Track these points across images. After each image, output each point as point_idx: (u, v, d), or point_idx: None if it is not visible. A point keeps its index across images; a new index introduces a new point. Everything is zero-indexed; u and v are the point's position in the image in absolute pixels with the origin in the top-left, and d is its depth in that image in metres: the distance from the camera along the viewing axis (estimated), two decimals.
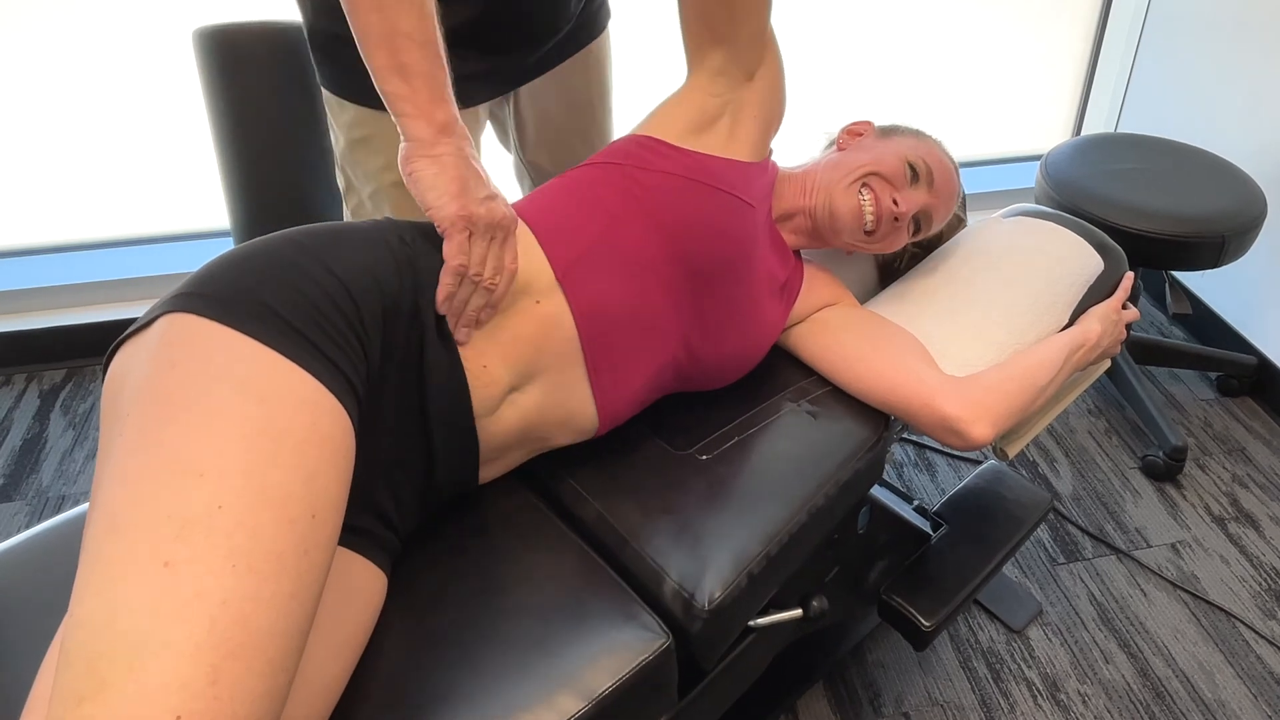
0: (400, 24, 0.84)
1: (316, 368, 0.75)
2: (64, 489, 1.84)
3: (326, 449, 0.73)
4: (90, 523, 0.68)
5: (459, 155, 0.89)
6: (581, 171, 1.08)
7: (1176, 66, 2.33)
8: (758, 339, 1.15)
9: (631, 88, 1.59)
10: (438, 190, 0.88)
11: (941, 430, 1.10)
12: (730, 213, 1.06)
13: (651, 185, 1.04)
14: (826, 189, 1.17)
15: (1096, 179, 1.91)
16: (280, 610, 0.66)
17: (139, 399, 0.71)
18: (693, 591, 0.96)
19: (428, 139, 0.88)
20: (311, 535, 0.70)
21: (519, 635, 0.89)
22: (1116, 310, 1.29)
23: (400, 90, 0.87)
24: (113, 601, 0.63)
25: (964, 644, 1.58)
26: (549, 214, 1.02)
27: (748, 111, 1.15)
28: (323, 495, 0.72)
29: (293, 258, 0.82)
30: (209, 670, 0.62)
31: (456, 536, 1.00)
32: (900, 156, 1.17)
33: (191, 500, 0.66)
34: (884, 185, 1.16)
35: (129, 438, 0.69)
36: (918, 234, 1.23)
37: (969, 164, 2.70)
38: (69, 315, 2.16)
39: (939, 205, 1.20)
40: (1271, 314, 2.11)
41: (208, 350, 0.73)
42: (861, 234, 1.17)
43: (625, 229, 1.02)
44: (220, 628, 0.63)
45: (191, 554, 0.64)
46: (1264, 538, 1.79)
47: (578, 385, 1.01)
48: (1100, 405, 2.11)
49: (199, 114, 2.01)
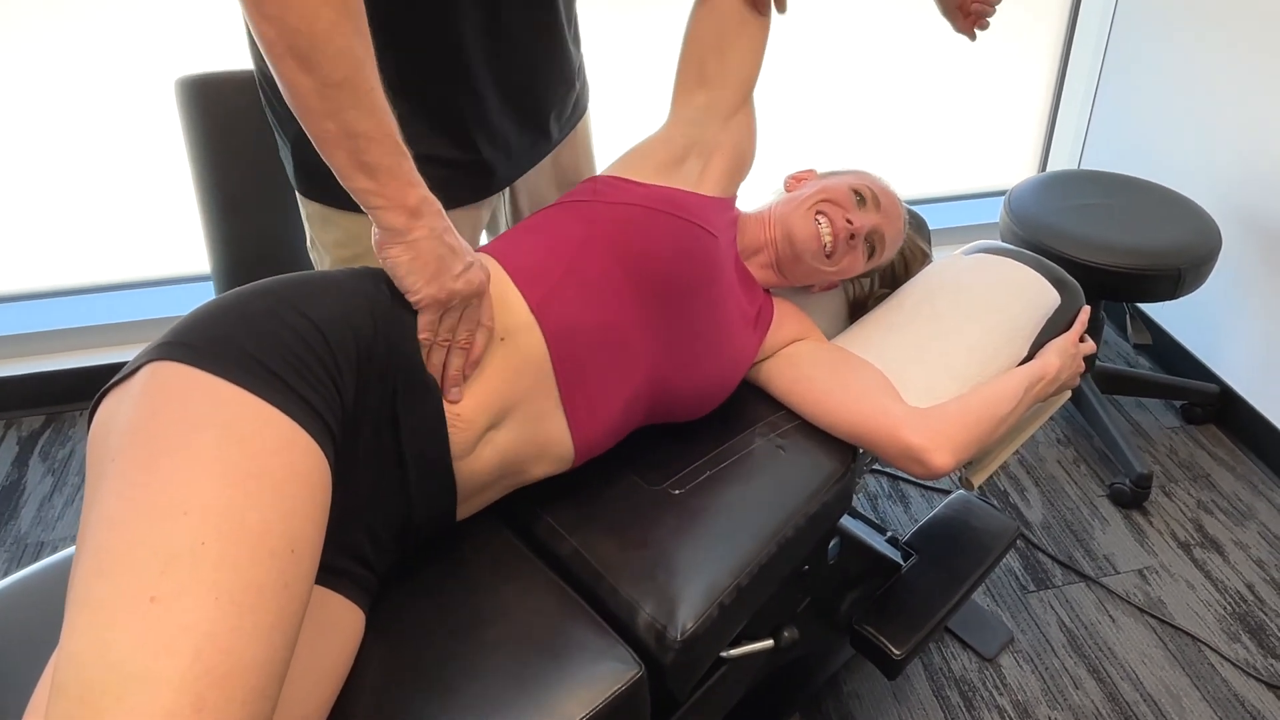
0: (356, 127, 0.84)
1: (293, 410, 0.79)
2: (43, 535, 1.84)
3: (304, 487, 0.76)
4: (78, 563, 0.70)
5: (433, 237, 0.91)
6: (549, 211, 1.13)
7: (1135, 106, 2.41)
8: (730, 366, 1.18)
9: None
10: (414, 276, 0.91)
11: (905, 459, 1.14)
12: (689, 238, 1.11)
13: (613, 216, 1.10)
14: (783, 220, 1.25)
15: (1058, 214, 1.97)
16: (262, 641, 0.69)
17: (124, 444, 0.74)
18: (666, 623, 0.98)
19: (401, 227, 0.90)
20: (291, 569, 0.73)
21: (495, 668, 0.91)
22: (1074, 343, 1.33)
23: (368, 186, 0.88)
24: (102, 635, 0.65)
25: (937, 673, 1.61)
26: (519, 254, 1.06)
27: (719, 154, 1.24)
28: (301, 531, 0.75)
29: (270, 306, 0.86)
30: (194, 699, 0.64)
31: (434, 574, 1.02)
32: (846, 184, 1.27)
33: (175, 538, 0.68)
34: (836, 209, 1.24)
35: (115, 481, 0.72)
36: (873, 257, 1.29)
37: (939, 200, 2.76)
38: (48, 361, 2.18)
39: (888, 225, 1.28)
40: (1232, 343, 2.17)
41: (189, 396, 0.76)
42: (822, 256, 1.23)
43: (589, 257, 1.06)
44: (205, 658, 0.66)
45: (177, 588, 0.67)
46: (1228, 562, 1.83)
47: (552, 413, 1.03)
48: (1069, 434, 2.16)
49: (179, 160, 2.04)
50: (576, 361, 1.03)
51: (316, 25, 0.79)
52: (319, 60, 0.80)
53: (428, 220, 0.90)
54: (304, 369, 0.82)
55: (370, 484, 0.91)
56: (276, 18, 0.78)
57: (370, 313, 0.91)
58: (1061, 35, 2.57)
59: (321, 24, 0.79)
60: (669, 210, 1.11)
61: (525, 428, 1.01)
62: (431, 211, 0.91)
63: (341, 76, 0.82)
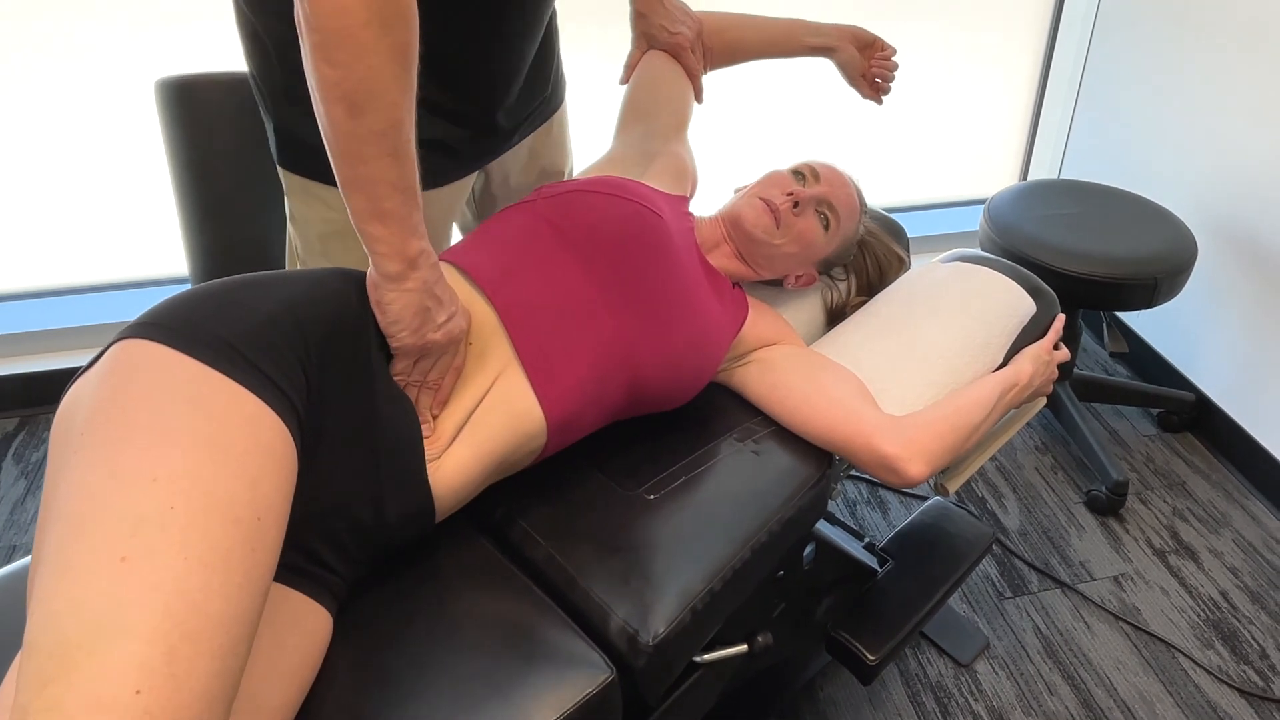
0: (383, 174, 0.87)
1: (259, 388, 0.81)
2: (15, 538, 1.83)
3: (269, 458, 0.79)
4: (46, 530, 0.72)
5: (423, 289, 0.94)
6: (499, 214, 1.19)
7: (1114, 117, 2.43)
8: (701, 337, 1.17)
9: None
10: (400, 324, 0.94)
11: (879, 468, 1.14)
12: (631, 210, 1.15)
13: (556, 202, 1.15)
14: (731, 211, 1.30)
15: (1036, 223, 1.98)
16: (230, 599, 0.71)
17: (92, 417, 0.76)
18: (638, 628, 0.98)
19: (397, 274, 0.92)
20: (257, 535, 0.75)
21: (467, 672, 0.91)
22: (1048, 351, 1.34)
23: (378, 232, 0.90)
24: (74, 594, 0.68)
25: (913, 679, 1.61)
26: (469, 252, 1.11)
27: (661, 158, 1.35)
28: (265, 499, 0.77)
29: (240, 293, 0.89)
30: (166, 651, 0.66)
31: (406, 577, 1.02)
32: (786, 169, 1.32)
33: (145, 503, 0.71)
34: (775, 188, 1.28)
35: (84, 453, 0.74)
36: (830, 228, 1.30)
37: (919, 208, 2.78)
38: (22, 363, 2.16)
39: (833, 191, 1.30)
40: (1208, 352, 2.19)
41: (157, 371, 0.79)
42: (773, 229, 1.25)
43: (536, 243, 1.11)
44: (175, 613, 0.68)
45: (147, 549, 0.69)
46: (1202, 569, 1.85)
47: (516, 382, 1.04)
48: (1046, 442, 2.17)
49: (156, 161, 2.03)
50: (534, 330, 1.05)
51: (379, 80, 0.82)
52: (370, 109, 0.83)
53: (423, 272, 0.94)
54: (272, 351, 0.84)
55: (341, 482, 0.92)
56: (344, 64, 0.81)
57: (345, 307, 0.94)
58: (1042, 46, 2.59)
59: (384, 79, 0.82)
60: (608, 190, 1.16)
61: (493, 410, 1.02)
62: (427, 264, 0.94)
63: (384, 126, 0.85)
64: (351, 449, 0.92)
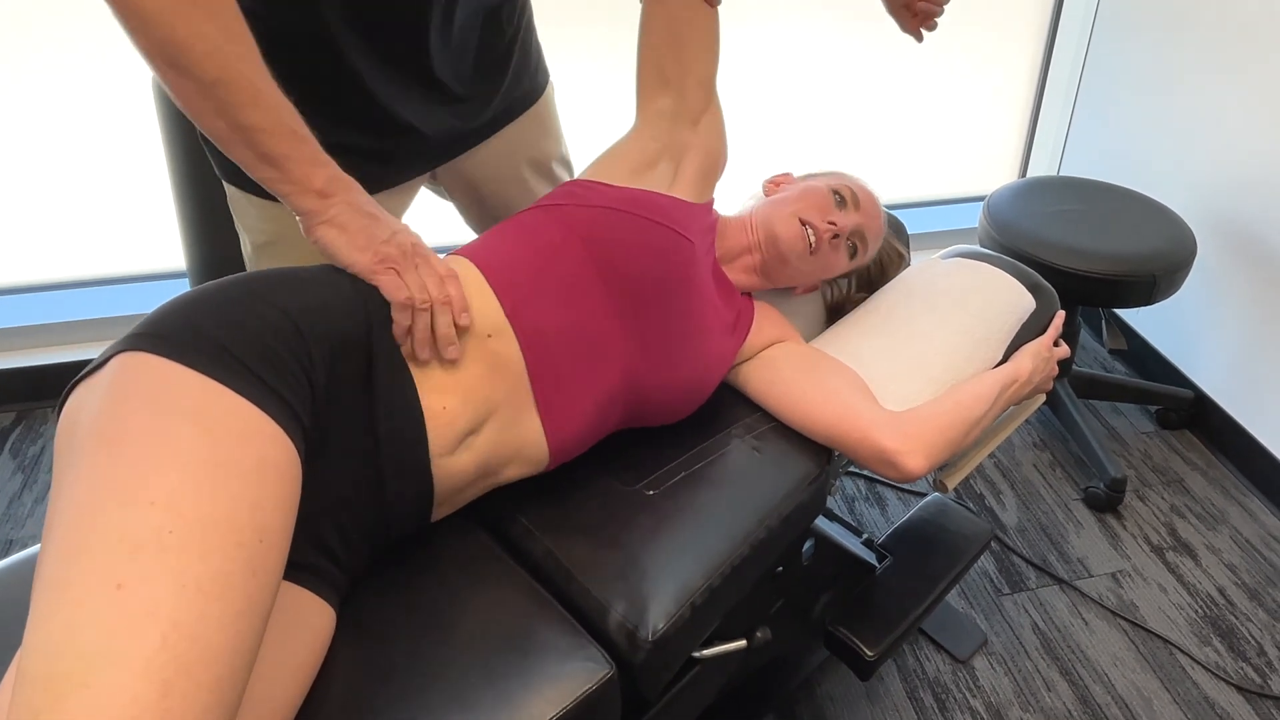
0: (245, 121, 0.86)
1: (261, 400, 0.79)
2: (12, 533, 1.83)
3: (272, 476, 0.77)
4: (45, 551, 0.70)
5: (351, 209, 0.93)
6: (524, 214, 1.14)
7: (1114, 114, 2.43)
8: (705, 371, 1.18)
9: (586, 140, 1.62)
10: (346, 249, 0.93)
11: (878, 463, 1.14)
12: (663, 240, 1.11)
13: (587, 218, 1.10)
14: (766, 223, 1.25)
15: (1035, 220, 1.98)
16: (228, 629, 0.69)
17: (92, 434, 0.74)
18: (637, 623, 0.98)
19: (316, 208, 0.92)
20: (259, 558, 0.73)
21: (466, 668, 0.91)
22: (1048, 348, 1.34)
23: (272, 175, 0.90)
24: (68, 622, 0.66)
25: (911, 674, 1.61)
26: (495, 254, 1.06)
27: (690, 155, 1.24)
28: (269, 520, 0.75)
29: (241, 298, 0.86)
30: (161, 684, 0.64)
31: (406, 572, 1.02)
32: (826, 185, 1.28)
33: (142, 526, 0.69)
34: (817, 212, 1.24)
35: (83, 470, 0.72)
36: (855, 257, 1.29)
37: (919, 204, 2.78)
38: (19, 358, 2.15)
39: (869, 223, 1.29)
40: (1206, 350, 2.19)
41: (158, 386, 0.77)
42: (807, 256, 1.24)
43: (563, 258, 1.07)
44: (171, 644, 0.66)
45: (143, 575, 0.67)
46: (1200, 566, 1.85)
47: (528, 417, 1.03)
48: (1044, 438, 2.17)
49: (154, 155, 2.03)
50: (551, 365, 1.03)
51: (176, 32, 0.81)
52: (189, 64, 0.83)
53: (341, 196, 0.93)
54: (274, 360, 0.82)
55: (344, 480, 0.91)
56: (141, 30, 0.81)
57: (345, 308, 0.92)
58: (1042, 42, 2.59)
59: (180, 30, 0.81)
60: (642, 214, 1.11)
61: (501, 431, 1.01)
62: (343, 187, 0.93)
63: (214, 76, 0.84)
64: (356, 444, 0.91)
